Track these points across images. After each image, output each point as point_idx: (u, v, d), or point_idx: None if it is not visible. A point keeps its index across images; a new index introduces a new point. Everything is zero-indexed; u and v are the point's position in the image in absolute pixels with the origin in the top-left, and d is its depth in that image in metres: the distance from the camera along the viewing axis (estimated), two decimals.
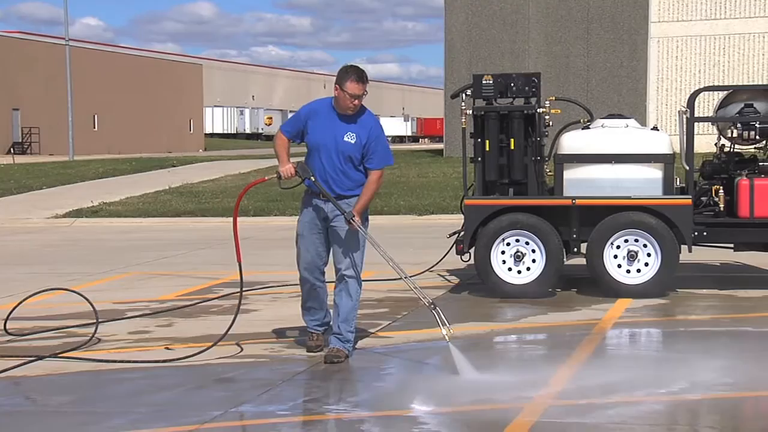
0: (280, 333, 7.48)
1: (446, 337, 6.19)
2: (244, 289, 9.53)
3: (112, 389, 6.00)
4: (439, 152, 36.07)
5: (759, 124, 9.13)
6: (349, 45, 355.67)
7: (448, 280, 10.15)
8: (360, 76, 6.42)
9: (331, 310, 6.76)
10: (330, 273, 6.76)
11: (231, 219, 6.82)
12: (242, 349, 6.93)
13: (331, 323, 6.82)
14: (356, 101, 6.42)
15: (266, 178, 6.81)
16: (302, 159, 6.65)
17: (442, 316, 6.26)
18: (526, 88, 9.14)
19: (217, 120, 78.22)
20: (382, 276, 9.85)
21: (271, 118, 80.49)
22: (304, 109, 6.68)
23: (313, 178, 6.48)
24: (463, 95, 9.30)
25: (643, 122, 22.02)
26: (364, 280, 8.67)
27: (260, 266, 11.15)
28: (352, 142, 6.45)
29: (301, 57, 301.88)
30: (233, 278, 10.13)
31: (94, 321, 7.44)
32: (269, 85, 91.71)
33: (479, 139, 9.20)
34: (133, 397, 5.78)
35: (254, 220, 16.91)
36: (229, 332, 6.85)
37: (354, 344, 6.74)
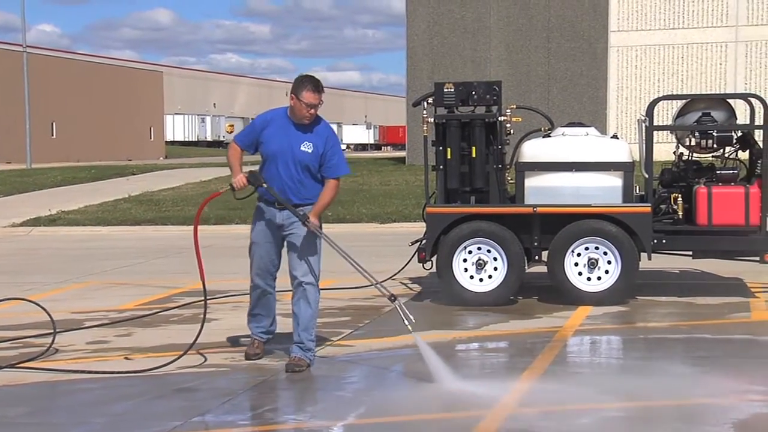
0: (241, 342, 7.44)
1: (409, 327, 6.23)
2: (211, 297, 9.48)
3: (69, 400, 5.93)
4: (402, 160, 36.12)
5: (716, 132, 9.25)
6: (310, 53, 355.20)
7: (411, 288, 10.16)
8: (316, 85, 6.49)
9: (281, 319, 6.76)
10: (283, 283, 6.73)
11: (192, 228, 6.81)
12: (206, 359, 6.88)
13: (275, 332, 6.88)
14: (312, 110, 6.49)
15: (220, 191, 6.83)
16: (256, 168, 6.67)
17: (404, 309, 6.28)
18: (488, 96, 9.19)
19: (177, 127, 77.72)
20: (344, 284, 9.84)
21: (232, 125, 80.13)
22: (258, 119, 6.74)
23: (265, 185, 6.53)
24: (425, 103, 9.33)
25: (603, 130, 22.20)
26: (325, 289, 8.63)
27: (221, 275, 11.08)
28: (309, 151, 6.49)
29: (261, 65, 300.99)
30: (194, 287, 10.06)
31: (52, 331, 7.35)
32: (230, 92, 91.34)
33: (441, 147, 9.23)
34: (90, 408, 5.72)
35: (215, 228, 16.82)
36: (182, 341, 6.80)
37: (315, 353, 6.73)
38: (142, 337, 7.82)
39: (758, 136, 9.46)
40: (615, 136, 9.69)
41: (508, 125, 9.30)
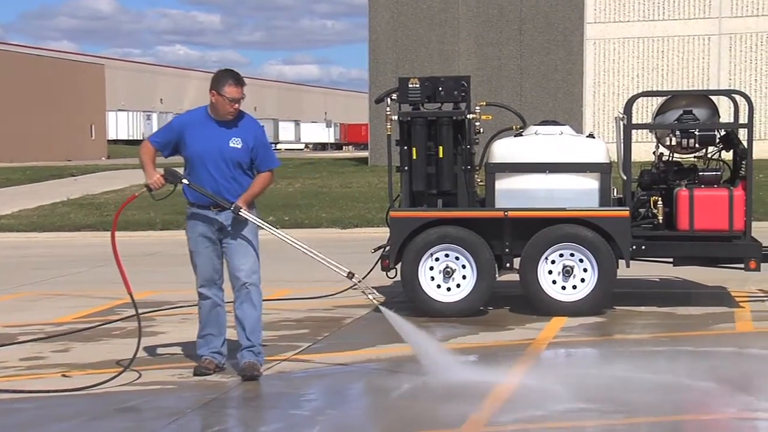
0: (188, 357, 7.39)
1: (375, 302, 6.32)
2: (151, 309, 9.41)
3: (1, 422, 5.86)
4: (364, 161, 36.15)
5: (698, 131, 9.34)
6: (264, 45, 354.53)
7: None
8: (237, 79, 6.65)
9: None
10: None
11: (138, 233, 6.81)
12: (151, 376, 6.84)
13: (226, 354, 6.92)
14: (236, 105, 6.64)
15: (136, 194, 6.86)
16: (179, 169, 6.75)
17: (366, 285, 6.38)
18: (455, 92, 9.22)
19: (121, 125, 77.12)
20: (301, 294, 9.83)
21: None
22: (176, 121, 6.86)
23: (185, 181, 6.62)
24: (388, 100, 9.35)
25: (579, 129, 22.38)
26: (282, 299, 8.60)
27: (168, 284, 11.02)
28: (239, 147, 6.64)
29: (211, 57, 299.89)
30: (139, 297, 9.95)
31: None
32: (179, 87, 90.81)
33: (405, 147, 9.25)
34: (23, 430, 5.65)
35: (162, 234, 16.71)
36: (128, 356, 6.75)
37: (264, 356, 6.81)
38: (81, 353, 7.75)
39: (742, 135, 9.57)
40: (591, 135, 9.77)
41: (477, 123, 9.34)
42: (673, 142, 9.45)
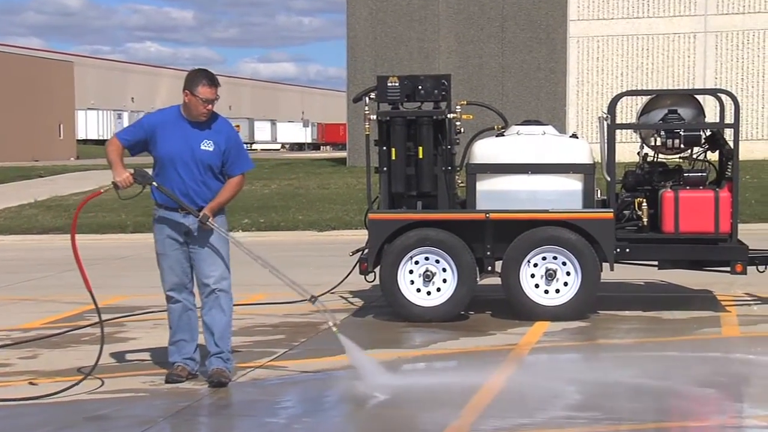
0: (161, 364, 7.36)
1: (334, 330, 6.30)
2: (122, 314, 9.37)
3: None
4: (342, 161, 36.14)
5: (684, 131, 9.39)
6: (239, 42, 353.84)
7: (351, 303, 10.16)
8: (211, 79, 6.64)
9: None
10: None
11: (108, 236, 6.81)
12: (122, 383, 6.81)
13: (199, 360, 6.90)
14: (209, 106, 6.63)
15: (101, 190, 6.83)
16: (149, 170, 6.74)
17: (327, 308, 6.35)
18: (436, 91, 9.24)
19: (91, 124, 76.77)
20: (278, 299, 9.81)
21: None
22: (147, 119, 6.85)
23: (155, 184, 6.61)
24: (367, 99, 9.35)
25: (562, 129, 22.46)
26: (256, 304, 8.59)
27: (140, 289, 10.98)
28: (211, 149, 6.63)
29: (184, 54, 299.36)
30: (109, 302, 9.95)
31: None
32: (150, 85, 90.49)
33: (384, 147, 9.26)
34: None
35: (133, 237, 16.64)
36: (100, 364, 6.72)
37: (234, 363, 6.79)
38: (49, 359, 7.71)
39: (729, 135, 9.63)
40: (574, 135, 9.80)
41: (458, 123, 9.35)
42: (658, 143, 9.50)
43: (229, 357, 6.77)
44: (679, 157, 9.85)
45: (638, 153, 9.80)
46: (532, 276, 9.00)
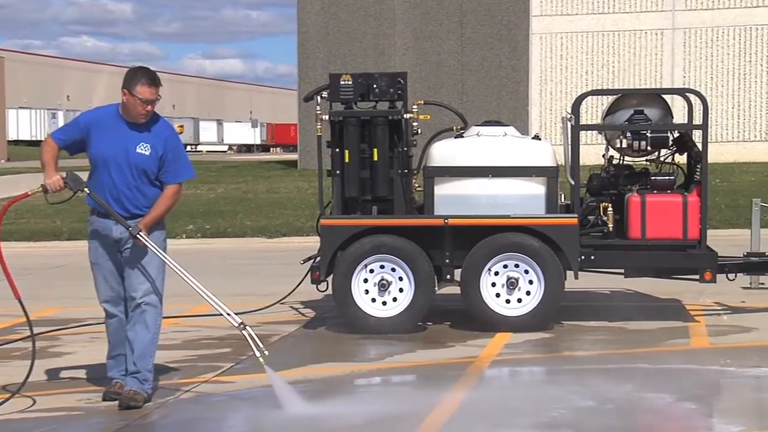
0: (98, 380, 7.29)
1: (260, 360, 6.27)
2: (57, 327, 9.27)
3: None
4: (293, 164, 36.07)
5: (650, 133, 9.47)
6: (182, 37, 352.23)
7: (302, 314, 10.14)
8: (152, 78, 6.57)
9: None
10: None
11: (42, 244, 6.74)
12: (57, 401, 6.74)
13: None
14: (149, 107, 6.56)
15: (29, 192, 6.77)
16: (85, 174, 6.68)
17: (255, 338, 6.36)
18: (391, 89, 9.25)
19: (23, 124, 75.96)
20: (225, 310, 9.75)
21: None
22: (84, 117, 6.78)
23: (87, 190, 6.55)
24: (318, 98, 9.34)
25: (525, 130, 22.60)
26: (202, 315, 8.54)
27: (77, 300, 10.88)
28: (147, 153, 6.56)
29: (123, 50, 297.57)
30: (42, 314, 9.85)
31: None
32: (87, 83, 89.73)
33: (337, 149, 9.25)
34: None
35: (69, 244, 16.47)
36: (33, 381, 6.65)
37: (152, 385, 6.70)
38: None
39: (697, 137, 9.73)
40: (537, 137, 9.86)
41: (415, 124, 9.38)
42: (624, 145, 9.58)
43: (147, 378, 6.64)
44: (646, 160, 9.94)
45: (603, 155, 9.88)
46: (493, 285, 9.04)
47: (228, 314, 6.57)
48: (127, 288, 6.64)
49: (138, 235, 6.44)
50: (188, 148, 66.35)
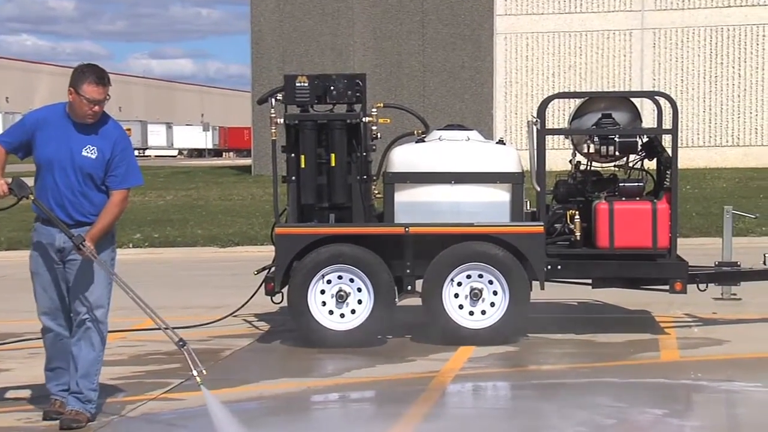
0: (38, 398, 7.23)
1: (197, 379, 6.23)
2: None
3: None
4: (247, 169, 35.99)
5: (619, 137, 9.54)
6: (127, 35, 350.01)
7: (256, 327, 10.11)
8: (100, 76, 6.50)
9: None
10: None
11: None
12: None
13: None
14: (96, 107, 6.49)
15: None
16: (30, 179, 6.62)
17: (194, 356, 6.32)
18: (349, 92, 9.25)
19: None
20: (176, 323, 9.71)
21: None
22: (30, 117, 6.71)
23: (32, 197, 6.49)
24: (273, 100, 9.32)
25: (489, 134, 22.70)
26: (149, 329, 8.49)
27: (15, 313, 10.77)
28: (93, 157, 6.50)
29: (65, 49, 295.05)
30: None
31: None
32: (27, 83, 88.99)
33: (293, 154, 9.24)
34: None
35: (7, 255, 16.34)
36: None
37: (95, 405, 6.64)
38: None
39: (667, 142, 9.80)
40: (501, 142, 9.90)
41: (374, 128, 9.38)
42: (591, 150, 9.63)
43: (91, 398, 6.59)
44: (614, 166, 10.01)
45: (570, 161, 9.93)
46: (456, 296, 9.06)
47: (167, 329, 6.47)
48: (72, 303, 6.57)
49: (81, 245, 6.36)
50: (136, 152, 65.94)
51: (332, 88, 9.24)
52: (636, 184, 9.55)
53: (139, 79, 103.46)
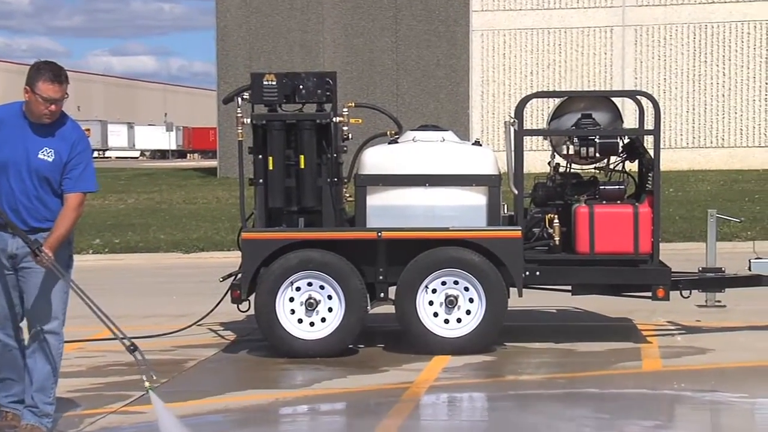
0: None
1: (146, 386, 6.21)
2: None
3: None
4: (212, 171, 35.90)
5: (599, 138, 9.57)
6: (85, 31, 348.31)
7: (222, 336, 10.09)
8: (57, 74, 6.42)
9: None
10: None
11: None
12: None
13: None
14: (53, 107, 6.41)
15: None
16: None
17: (145, 360, 6.29)
18: (319, 91, 9.24)
19: None
20: (137, 333, 9.67)
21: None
22: None
23: None
24: (239, 99, 9.31)
25: (465, 135, 22.75)
26: (108, 339, 8.44)
27: None
28: (50, 159, 6.42)
29: (20, 45, 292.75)
30: None
31: None
32: None
33: (260, 156, 9.23)
34: None
35: None
36: None
37: (52, 419, 6.58)
38: None
39: (649, 143, 9.84)
40: (478, 143, 9.91)
41: (345, 128, 9.38)
42: (571, 151, 9.65)
43: (47, 412, 6.53)
44: (595, 168, 10.03)
45: (549, 163, 9.95)
46: (431, 303, 9.06)
47: (116, 328, 6.39)
48: (26, 313, 6.50)
49: (38, 250, 6.29)
50: (96, 154, 65.76)
51: (301, 86, 9.23)
52: (617, 187, 9.58)
53: (98, 77, 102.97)
